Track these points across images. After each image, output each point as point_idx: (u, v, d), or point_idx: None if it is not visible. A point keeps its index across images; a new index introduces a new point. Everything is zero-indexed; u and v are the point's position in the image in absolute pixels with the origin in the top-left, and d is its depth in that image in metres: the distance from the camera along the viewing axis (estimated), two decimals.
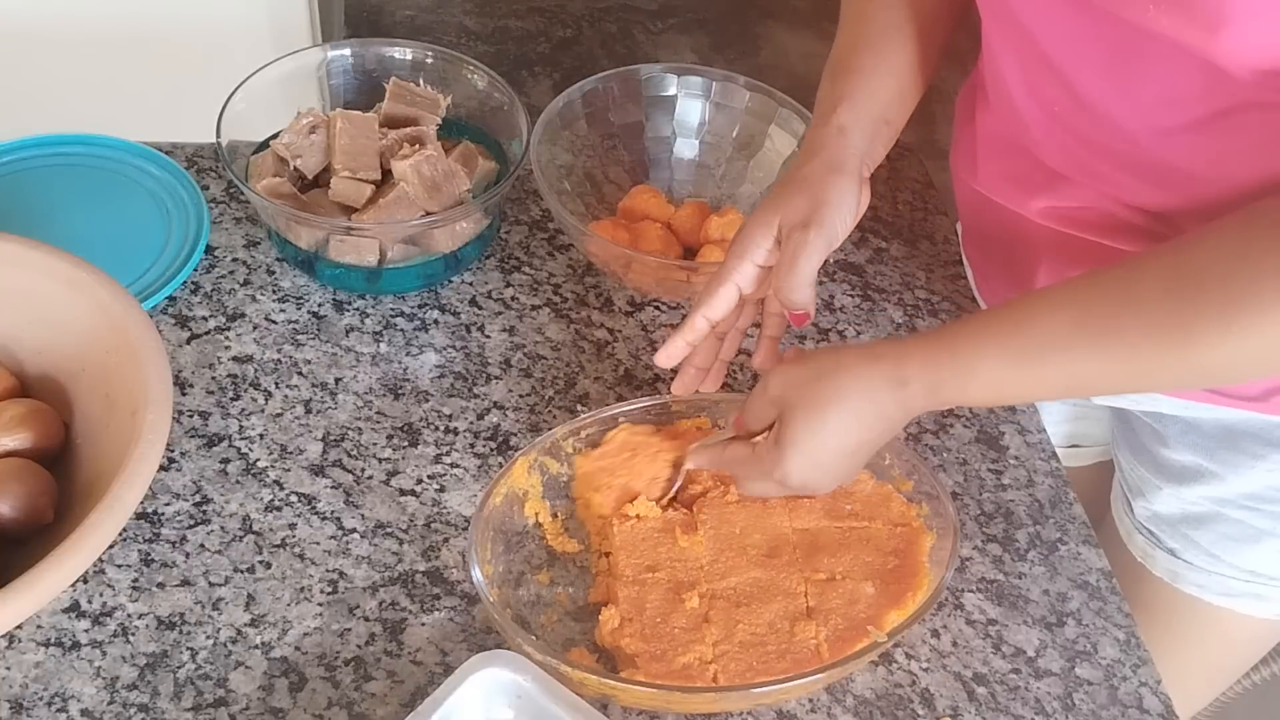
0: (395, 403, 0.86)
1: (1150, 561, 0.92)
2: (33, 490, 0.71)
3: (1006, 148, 0.84)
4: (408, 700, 0.71)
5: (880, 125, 0.79)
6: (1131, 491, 0.94)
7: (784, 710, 0.73)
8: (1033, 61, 0.75)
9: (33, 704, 0.69)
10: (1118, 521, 0.96)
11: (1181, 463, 0.88)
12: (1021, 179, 0.83)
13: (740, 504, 0.79)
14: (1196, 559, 0.89)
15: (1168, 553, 0.91)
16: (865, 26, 0.83)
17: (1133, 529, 0.93)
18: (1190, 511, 0.89)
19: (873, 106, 0.79)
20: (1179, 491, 0.89)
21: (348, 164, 0.90)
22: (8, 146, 0.99)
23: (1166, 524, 0.90)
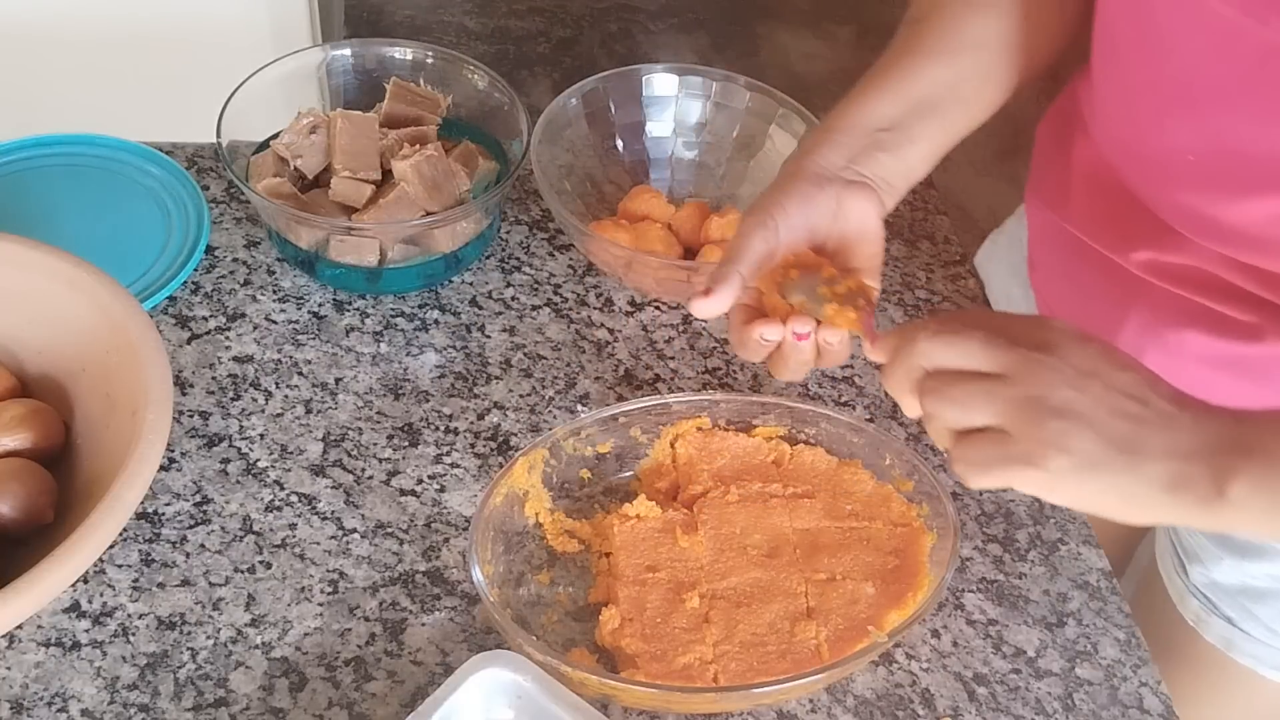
0: (395, 403, 0.87)
1: (1203, 627, 0.89)
2: (33, 490, 0.71)
3: (1109, 189, 0.77)
4: (408, 700, 0.71)
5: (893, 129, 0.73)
6: (1187, 555, 0.89)
7: (784, 710, 0.73)
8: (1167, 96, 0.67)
9: (33, 704, 0.69)
10: (1167, 579, 0.92)
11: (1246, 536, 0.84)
12: (1123, 225, 0.77)
13: (741, 504, 0.79)
14: (1255, 630, 0.86)
15: (1224, 620, 0.87)
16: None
17: (1186, 592, 0.89)
18: (1252, 585, 0.85)
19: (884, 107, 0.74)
20: (1241, 564, 0.85)
21: (348, 164, 0.90)
22: (8, 146, 0.99)
23: (1225, 593, 0.87)
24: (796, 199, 0.70)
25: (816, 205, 0.70)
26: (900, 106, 0.74)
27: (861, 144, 0.73)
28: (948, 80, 0.75)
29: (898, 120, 0.73)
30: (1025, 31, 0.76)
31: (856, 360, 0.94)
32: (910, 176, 0.74)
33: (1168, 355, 0.78)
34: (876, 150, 0.73)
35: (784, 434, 0.83)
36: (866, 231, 0.71)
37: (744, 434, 0.82)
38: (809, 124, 0.98)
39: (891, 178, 0.73)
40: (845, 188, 0.71)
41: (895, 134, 0.73)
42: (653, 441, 0.82)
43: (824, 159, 0.72)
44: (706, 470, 0.80)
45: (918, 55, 0.76)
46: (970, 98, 0.76)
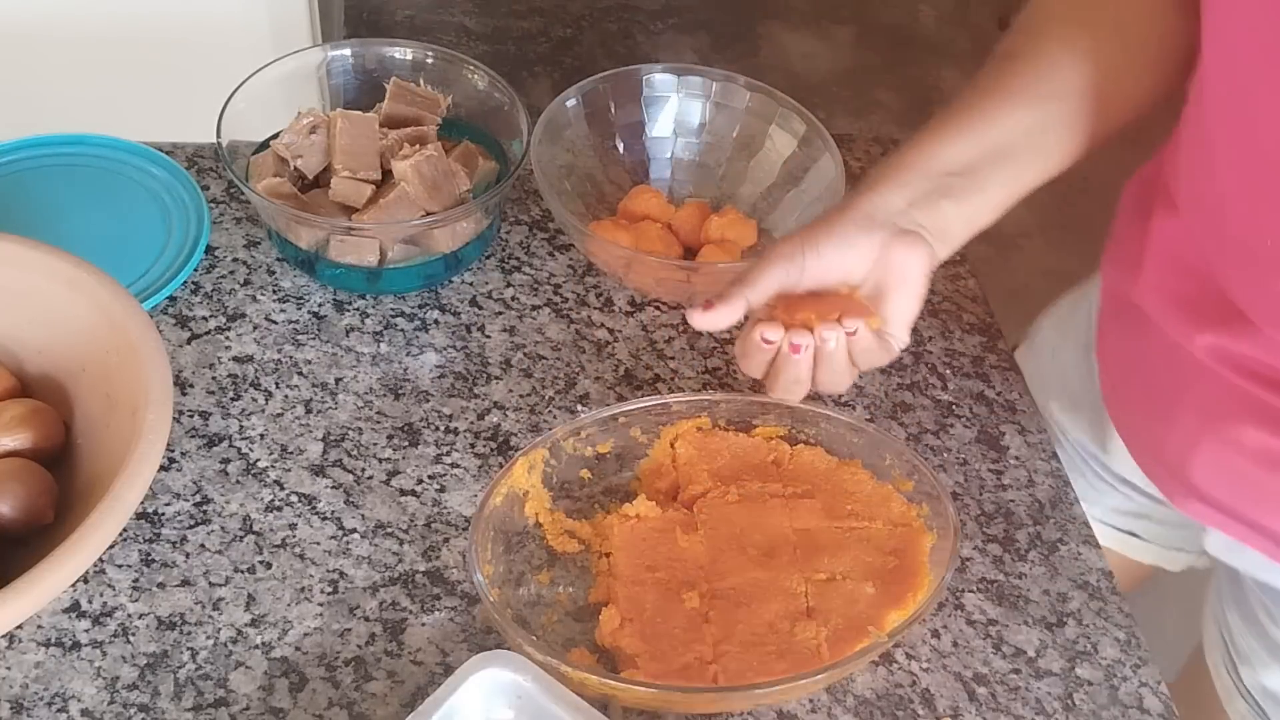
0: (395, 403, 0.87)
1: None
2: (33, 490, 0.71)
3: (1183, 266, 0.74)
4: (408, 700, 0.71)
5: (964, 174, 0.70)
6: (1239, 655, 0.88)
7: (784, 710, 0.73)
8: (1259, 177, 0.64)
9: (33, 704, 0.69)
10: (1215, 674, 0.90)
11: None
12: (1193, 306, 0.74)
13: (741, 504, 0.79)
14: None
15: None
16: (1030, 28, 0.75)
17: (1235, 693, 0.88)
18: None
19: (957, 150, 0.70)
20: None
21: (348, 164, 0.90)
22: (8, 146, 0.99)
23: (1274, 701, 0.85)
24: (835, 241, 0.69)
25: (856, 249, 0.69)
26: (975, 150, 0.71)
27: (926, 188, 0.70)
28: (1029, 127, 0.72)
29: (970, 165, 0.71)
30: (1120, 82, 0.73)
31: None
32: (973, 226, 0.72)
33: (1223, 447, 0.76)
34: (941, 196, 0.70)
35: (784, 434, 0.83)
36: (906, 284, 0.70)
37: (744, 434, 0.82)
38: (809, 124, 0.98)
39: (951, 227, 0.71)
40: (895, 235, 0.69)
41: (965, 180, 0.70)
42: (653, 441, 0.82)
43: (882, 200, 0.70)
44: (706, 470, 0.80)
45: (1001, 97, 0.73)
46: (1051, 147, 0.73)
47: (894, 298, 0.71)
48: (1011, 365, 0.96)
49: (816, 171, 0.97)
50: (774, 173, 1.00)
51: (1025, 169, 0.72)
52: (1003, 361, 0.95)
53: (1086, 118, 0.73)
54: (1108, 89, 0.73)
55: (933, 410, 0.91)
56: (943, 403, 0.92)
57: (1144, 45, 0.72)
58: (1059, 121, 0.72)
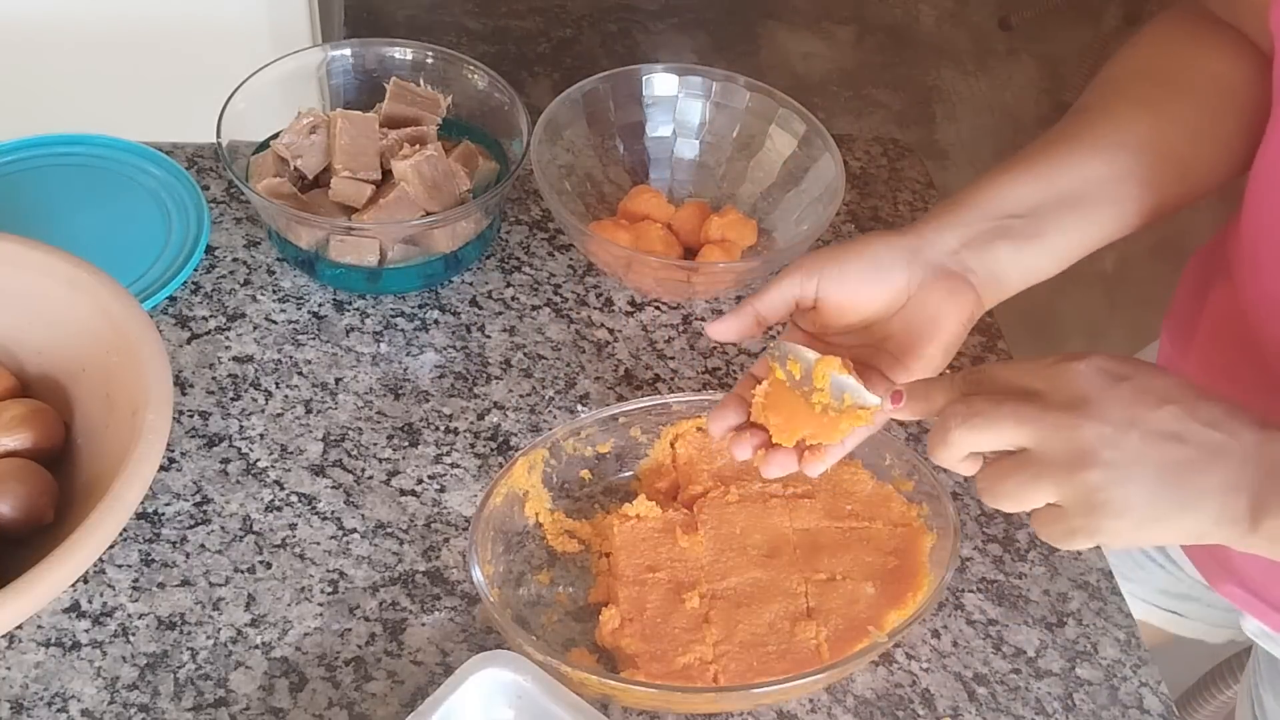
0: (395, 403, 0.87)
1: None
2: (33, 490, 0.71)
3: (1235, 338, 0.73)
4: (408, 700, 0.71)
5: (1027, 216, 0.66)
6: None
7: (784, 710, 0.73)
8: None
9: (33, 704, 0.69)
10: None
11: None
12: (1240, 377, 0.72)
13: (740, 504, 0.79)
14: None
15: None
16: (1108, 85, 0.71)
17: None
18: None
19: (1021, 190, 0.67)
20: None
21: (348, 164, 0.90)
22: (8, 146, 0.99)
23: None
24: (865, 265, 0.65)
25: (886, 281, 0.65)
26: (1041, 193, 0.67)
27: (983, 228, 0.66)
28: (1102, 176, 0.68)
29: (1034, 208, 0.67)
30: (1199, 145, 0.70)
31: None
32: (1031, 274, 0.68)
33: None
34: (998, 238, 0.66)
35: None
36: (938, 329, 0.65)
37: None
38: (809, 124, 0.98)
39: (1005, 273, 0.67)
40: (939, 276, 0.65)
41: (1027, 223, 0.67)
42: (653, 441, 0.82)
43: (934, 235, 0.66)
44: (706, 470, 0.80)
45: (1074, 144, 0.69)
46: (1124, 199, 0.68)
47: (920, 342, 0.66)
48: None
49: (816, 171, 0.97)
50: (774, 173, 1.00)
51: (1094, 218, 0.68)
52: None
53: (1162, 176, 0.69)
54: (1185, 151, 0.70)
55: None
56: None
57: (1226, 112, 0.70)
58: (1133, 174, 0.68)
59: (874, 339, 0.68)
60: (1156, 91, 0.71)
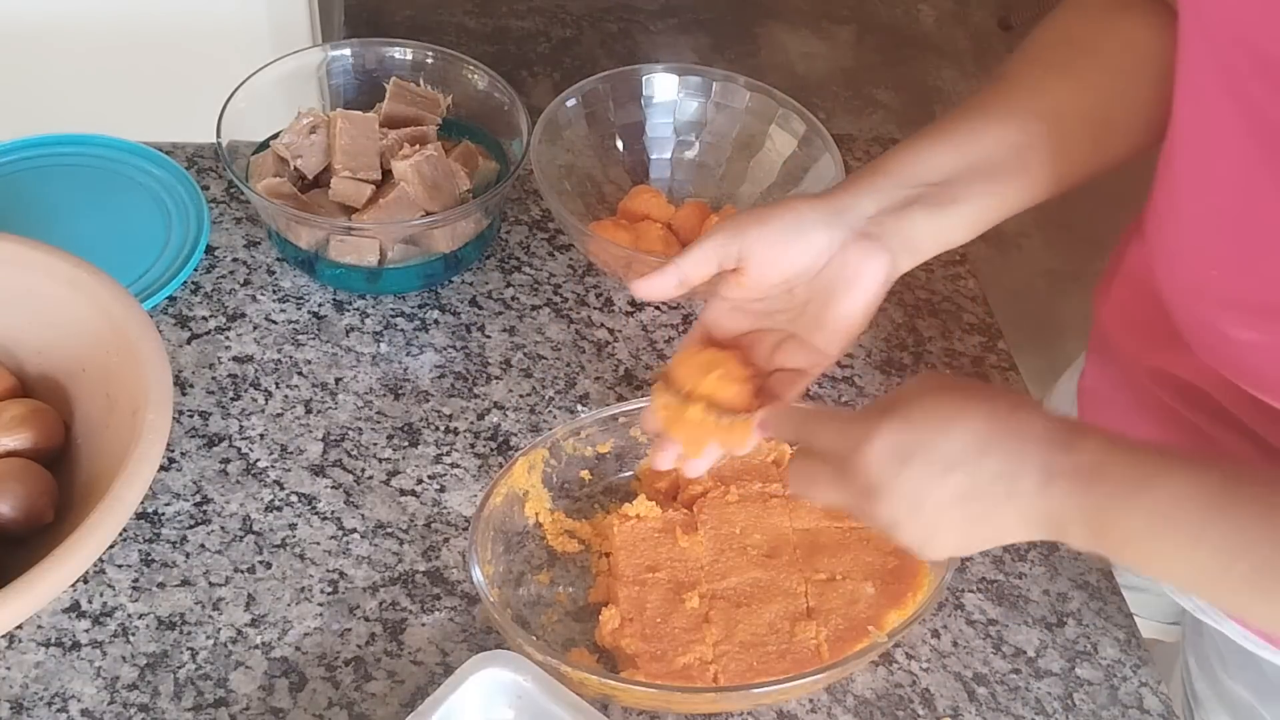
0: (395, 403, 0.87)
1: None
2: (33, 490, 0.71)
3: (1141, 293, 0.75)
4: (408, 700, 0.71)
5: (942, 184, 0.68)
6: (1195, 701, 0.89)
7: (784, 710, 0.73)
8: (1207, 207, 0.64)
9: (33, 704, 0.69)
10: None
11: (1236, 693, 0.83)
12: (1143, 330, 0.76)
13: (740, 504, 0.79)
14: None
15: None
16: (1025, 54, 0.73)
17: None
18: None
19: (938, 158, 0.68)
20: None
21: (348, 164, 0.90)
22: (8, 146, 0.99)
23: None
24: (788, 226, 0.67)
25: (809, 241, 0.67)
26: (957, 161, 0.69)
27: (901, 195, 0.68)
28: (1015, 144, 0.69)
29: (950, 176, 0.68)
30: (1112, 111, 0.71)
31: (856, 360, 0.94)
32: (944, 240, 0.70)
33: None
34: (913, 205, 0.68)
35: None
36: (856, 290, 0.67)
37: None
38: (809, 124, 0.98)
39: (919, 239, 0.69)
40: (856, 237, 0.67)
41: (942, 190, 0.68)
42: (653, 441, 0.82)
43: (853, 200, 0.68)
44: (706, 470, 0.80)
45: (989, 112, 0.71)
46: (1036, 167, 0.70)
47: (840, 302, 0.68)
48: (1011, 365, 0.95)
49: (816, 171, 0.97)
50: (774, 173, 1.00)
51: (1007, 187, 0.70)
52: (1003, 361, 0.95)
53: (1076, 143, 0.71)
54: (1099, 116, 0.71)
55: None
56: None
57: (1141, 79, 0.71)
58: (1045, 141, 0.70)
59: (795, 303, 0.69)
60: (1072, 58, 0.72)
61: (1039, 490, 0.57)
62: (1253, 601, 0.57)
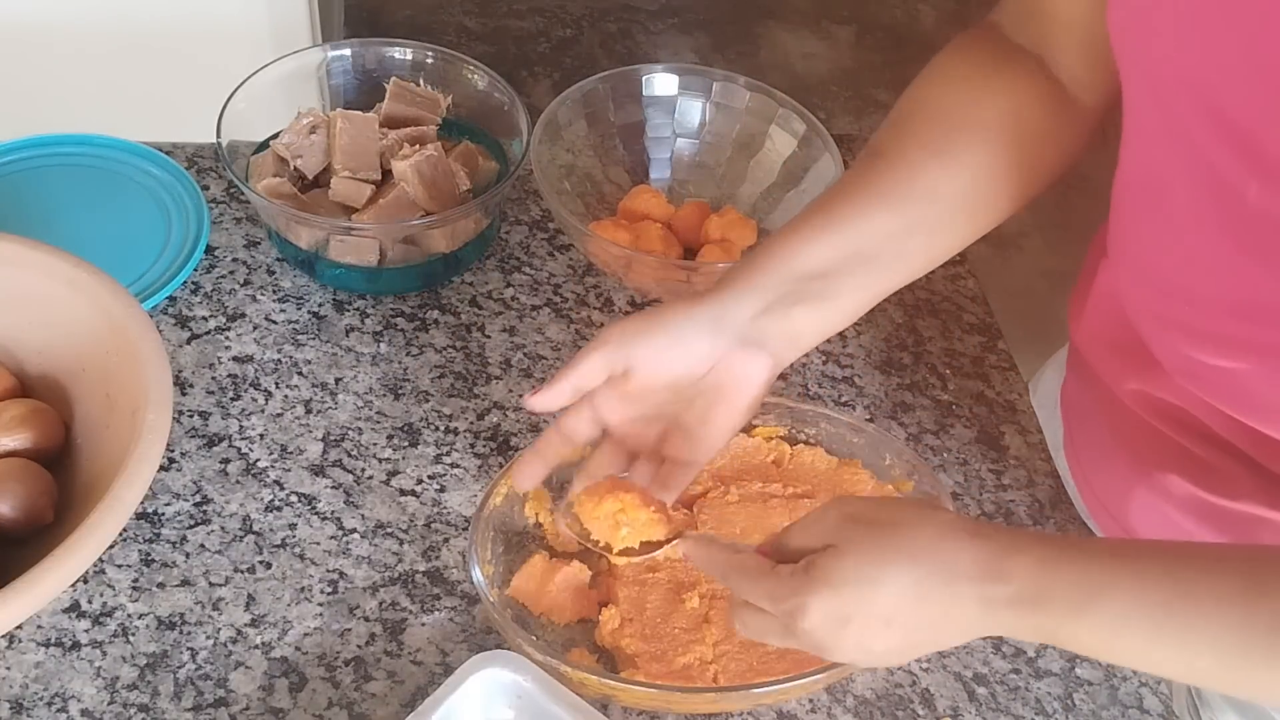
0: (395, 403, 0.87)
1: None
2: (33, 490, 0.71)
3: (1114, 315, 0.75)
4: (408, 700, 0.71)
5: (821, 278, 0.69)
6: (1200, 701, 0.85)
7: (784, 710, 0.73)
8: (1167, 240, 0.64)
9: (33, 704, 0.69)
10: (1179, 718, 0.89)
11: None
12: (1121, 353, 0.75)
13: (740, 504, 0.79)
14: None
15: None
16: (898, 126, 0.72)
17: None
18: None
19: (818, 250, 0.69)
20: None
21: (348, 164, 0.90)
22: (8, 146, 0.99)
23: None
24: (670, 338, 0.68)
25: (692, 351, 0.68)
26: (833, 253, 0.69)
27: (780, 292, 0.68)
28: (892, 230, 0.70)
29: (829, 269, 0.69)
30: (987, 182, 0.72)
31: (856, 360, 0.94)
32: (825, 331, 0.71)
33: (1155, 496, 0.77)
34: (795, 303, 0.69)
35: (784, 434, 0.83)
36: (738, 394, 0.69)
37: (744, 434, 0.82)
38: (809, 124, 0.98)
39: (801, 334, 0.70)
40: (738, 345, 0.68)
41: (821, 284, 0.69)
42: None
43: (734, 304, 0.68)
44: (706, 470, 0.80)
45: (866, 197, 0.71)
46: (913, 252, 0.71)
47: (723, 405, 0.70)
48: (1011, 365, 0.95)
49: (816, 171, 0.97)
50: (774, 173, 1.00)
51: (883, 274, 0.71)
52: (1003, 361, 0.95)
53: (950, 222, 0.72)
54: (973, 194, 0.71)
55: (933, 410, 0.91)
56: (943, 403, 0.92)
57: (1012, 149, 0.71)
58: (921, 226, 0.70)
59: (681, 400, 0.70)
60: (944, 135, 0.72)
61: (982, 619, 0.57)
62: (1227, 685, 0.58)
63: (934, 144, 0.72)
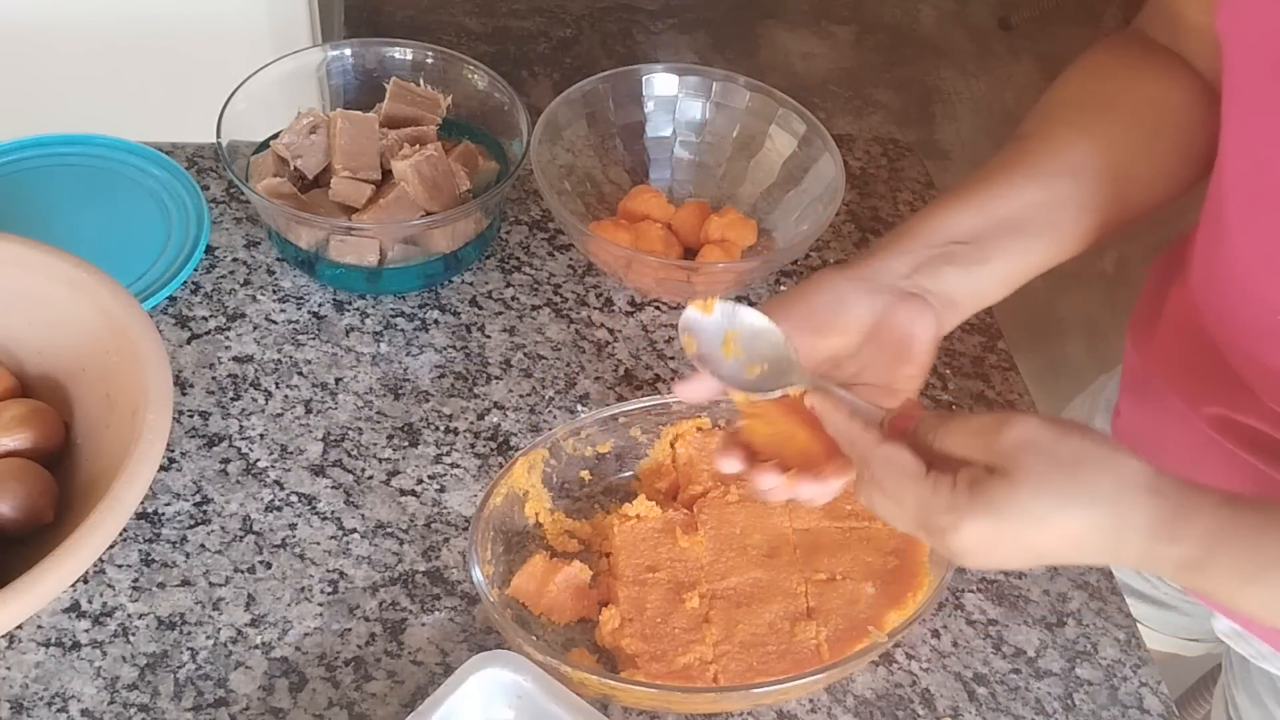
0: (395, 403, 0.87)
1: None
2: (33, 490, 0.71)
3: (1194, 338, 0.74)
4: (408, 700, 0.71)
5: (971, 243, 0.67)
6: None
7: (784, 710, 0.73)
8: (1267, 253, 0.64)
9: (33, 704, 0.69)
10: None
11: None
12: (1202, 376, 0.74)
13: (740, 504, 0.79)
14: None
15: None
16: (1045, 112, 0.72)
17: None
18: None
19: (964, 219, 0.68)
20: None
21: (348, 164, 0.90)
22: (8, 146, 0.99)
23: None
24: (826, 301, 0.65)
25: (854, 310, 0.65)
26: (983, 220, 0.68)
27: (930, 254, 0.67)
28: (1040, 202, 0.69)
29: (977, 234, 0.68)
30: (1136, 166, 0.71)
31: None
32: (979, 298, 0.69)
33: None
34: (945, 263, 0.67)
35: None
36: (910, 351, 0.66)
37: None
38: (809, 124, 0.98)
39: (956, 295, 0.68)
40: (899, 299, 0.66)
41: (971, 249, 0.68)
42: (653, 441, 0.82)
43: (884, 265, 0.67)
44: (706, 470, 0.80)
45: (1013, 172, 0.71)
46: (1063, 225, 0.70)
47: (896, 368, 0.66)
48: (1011, 365, 0.95)
49: (816, 171, 0.97)
50: (774, 173, 1.00)
51: (1035, 244, 0.69)
52: (1003, 361, 0.95)
53: (1101, 199, 0.71)
54: (1123, 173, 0.71)
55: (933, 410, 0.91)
56: (943, 403, 0.92)
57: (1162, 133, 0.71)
58: (1071, 200, 0.70)
59: (846, 376, 0.68)
60: (1093, 116, 0.72)
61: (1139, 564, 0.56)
62: None
63: (1083, 125, 0.72)
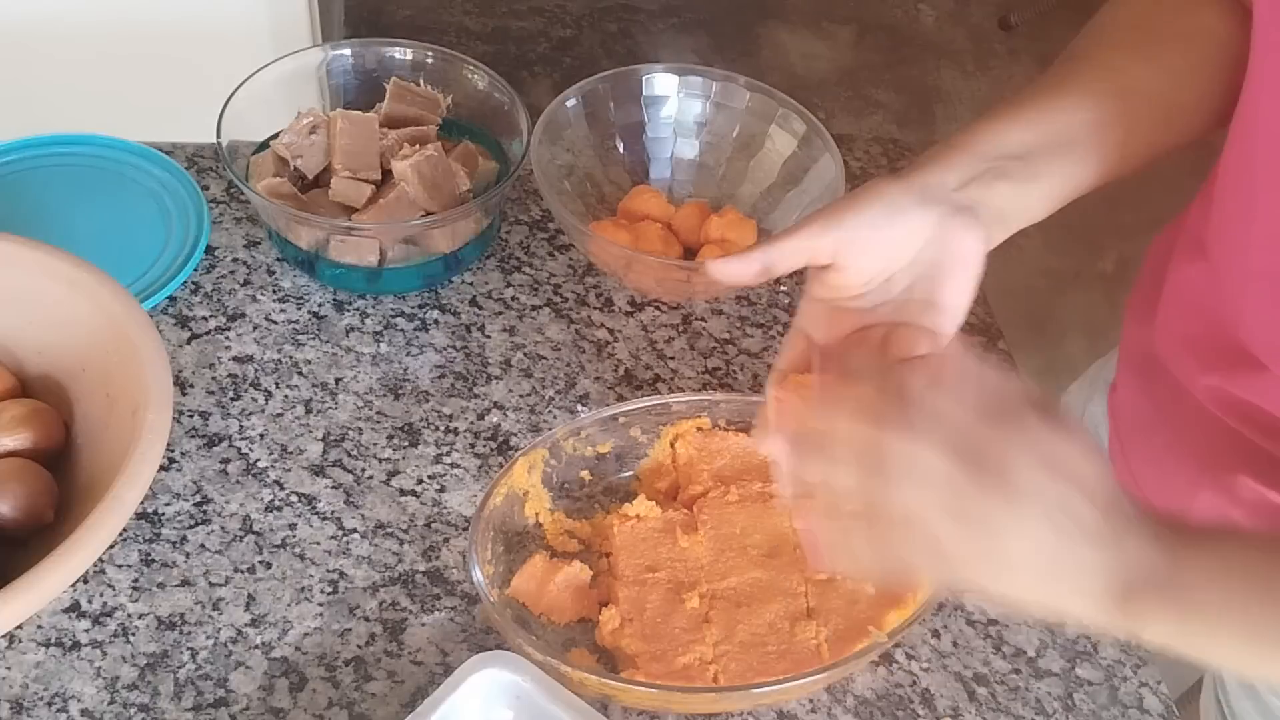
0: (395, 403, 0.87)
1: None
2: (33, 490, 0.71)
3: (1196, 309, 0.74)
4: (408, 700, 0.71)
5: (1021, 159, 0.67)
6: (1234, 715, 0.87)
7: (784, 710, 0.73)
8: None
9: (33, 704, 0.69)
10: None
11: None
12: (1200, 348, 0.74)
13: (740, 504, 0.79)
14: None
15: None
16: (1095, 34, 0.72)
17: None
18: None
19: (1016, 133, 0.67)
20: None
21: (348, 164, 0.90)
22: (8, 146, 0.99)
23: None
24: (880, 208, 0.63)
25: (909, 222, 0.63)
26: (1034, 136, 0.67)
27: (982, 168, 0.66)
28: (1089, 120, 0.69)
29: (1029, 150, 0.67)
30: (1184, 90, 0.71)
31: None
32: (1027, 214, 0.68)
33: (1221, 499, 0.76)
34: (997, 178, 0.66)
35: None
36: (962, 265, 0.64)
37: (744, 434, 0.82)
38: (809, 124, 0.98)
39: (1007, 211, 0.67)
40: (953, 212, 0.64)
41: (1021, 164, 0.67)
42: (653, 441, 0.82)
43: (935, 176, 0.65)
44: (706, 470, 0.80)
45: (1065, 90, 0.70)
46: (1110, 145, 0.69)
47: (946, 283, 0.65)
48: (1011, 365, 0.95)
49: (816, 171, 0.97)
50: (774, 173, 1.00)
51: (1084, 162, 0.68)
52: (1003, 361, 0.95)
53: (1147, 120, 0.70)
54: (1170, 97, 0.71)
55: None
56: None
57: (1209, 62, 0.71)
58: (1120, 120, 0.69)
59: (895, 292, 0.66)
60: (1143, 39, 0.72)
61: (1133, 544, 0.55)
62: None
63: (1133, 47, 0.72)
